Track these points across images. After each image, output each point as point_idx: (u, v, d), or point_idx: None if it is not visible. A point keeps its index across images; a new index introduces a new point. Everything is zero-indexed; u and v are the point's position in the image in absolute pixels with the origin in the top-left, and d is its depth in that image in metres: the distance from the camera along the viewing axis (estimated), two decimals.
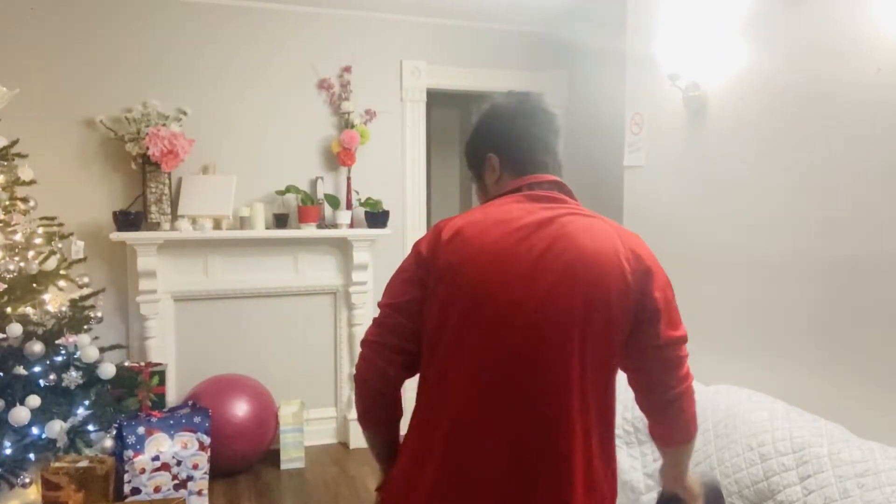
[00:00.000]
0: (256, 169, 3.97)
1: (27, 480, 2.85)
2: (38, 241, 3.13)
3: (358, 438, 4.10)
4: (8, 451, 2.81)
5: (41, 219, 3.23)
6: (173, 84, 3.81)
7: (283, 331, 4.09)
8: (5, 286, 2.91)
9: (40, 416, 2.85)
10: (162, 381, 3.58)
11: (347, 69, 4.07)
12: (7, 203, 3.00)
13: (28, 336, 2.90)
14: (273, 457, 3.80)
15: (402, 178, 4.26)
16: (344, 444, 4.15)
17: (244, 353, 4.00)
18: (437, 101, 4.65)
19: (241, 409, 3.59)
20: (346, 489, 3.54)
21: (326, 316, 4.17)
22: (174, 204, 3.77)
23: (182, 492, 3.22)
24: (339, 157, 4.02)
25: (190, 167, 3.78)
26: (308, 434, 3.94)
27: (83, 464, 2.98)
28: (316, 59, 4.05)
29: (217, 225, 3.79)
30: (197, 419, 3.33)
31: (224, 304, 3.97)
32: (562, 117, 1.45)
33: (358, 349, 1.38)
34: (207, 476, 3.31)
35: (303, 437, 3.83)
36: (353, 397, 1.47)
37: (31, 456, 2.88)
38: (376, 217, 4.03)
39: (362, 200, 4.07)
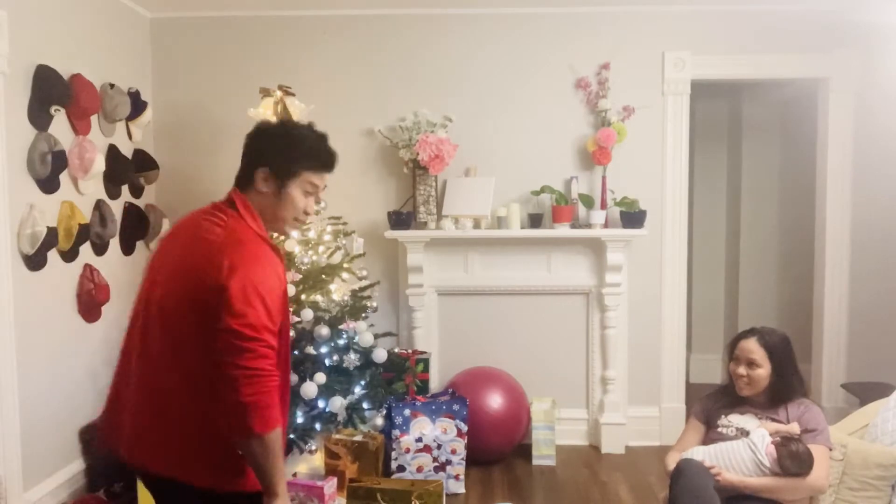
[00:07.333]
0: (513, 170, 4.08)
1: (314, 448, 3.26)
2: (327, 237, 3.58)
3: (610, 443, 4.02)
4: (300, 420, 3.24)
5: (329, 218, 3.68)
6: (440, 93, 4.08)
7: (535, 329, 4.16)
8: (301, 276, 3.36)
9: (325, 391, 3.24)
10: (426, 369, 3.86)
11: (606, 66, 4.01)
12: None
13: (317, 320, 3.32)
14: (524, 451, 3.88)
15: (662, 176, 4.08)
16: (595, 448, 4.09)
17: (498, 347, 4.14)
18: (702, 92, 4.37)
19: (495, 401, 3.73)
20: (597, 493, 3.49)
21: (579, 316, 4.14)
22: (439, 205, 4.03)
23: (441, 474, 3.43)
24: (594, 156, 3.97)
25: (454, 170, 4.02)
26: (558, 433, 3.95)
27: (358, 438, 3.33)
28: (573, 59, 4.05)
29: (476, 224, 3.98)
30: (456, 407, 3.53)
31: (481, 299, 4.16)
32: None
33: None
34: (464, 462, 3.49)
35: (554, 435, 3.86)
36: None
37: (318, 426, 3.30)
38: (632, 217, 3.90)
39: (617, 200, 3.97)
